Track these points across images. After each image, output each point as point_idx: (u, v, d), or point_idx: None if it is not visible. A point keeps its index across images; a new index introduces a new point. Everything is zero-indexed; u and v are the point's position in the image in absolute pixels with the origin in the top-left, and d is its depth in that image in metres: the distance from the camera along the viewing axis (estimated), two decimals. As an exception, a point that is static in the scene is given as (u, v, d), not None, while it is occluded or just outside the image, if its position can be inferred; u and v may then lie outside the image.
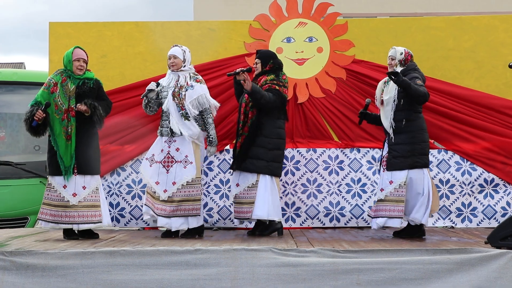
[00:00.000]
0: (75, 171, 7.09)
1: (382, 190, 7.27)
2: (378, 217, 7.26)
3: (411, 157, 7.18)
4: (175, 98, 7.34)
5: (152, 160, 7.41)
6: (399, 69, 7.29)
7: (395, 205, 7.17)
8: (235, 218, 7.78)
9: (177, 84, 7.38)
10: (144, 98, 7.47)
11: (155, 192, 7.35)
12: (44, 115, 7.03)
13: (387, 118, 7.29)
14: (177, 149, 7.34)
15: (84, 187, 7.13)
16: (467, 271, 5.94)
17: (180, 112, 7.33)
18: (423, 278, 5.91)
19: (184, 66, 7.46)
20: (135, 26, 8.53)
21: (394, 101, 7.25)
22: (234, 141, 7.81)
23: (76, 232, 7.23)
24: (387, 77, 7.33)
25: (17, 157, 9.59)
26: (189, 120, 7.31)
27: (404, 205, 7.16)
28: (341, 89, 8.41)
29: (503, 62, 8.28)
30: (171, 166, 7.33)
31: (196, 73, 7.51)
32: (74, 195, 7.09)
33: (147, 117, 8.08)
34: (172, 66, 7.44)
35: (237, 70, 7.41)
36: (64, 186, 7.09)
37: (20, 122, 9.90)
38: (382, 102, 7.37)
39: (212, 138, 7.44)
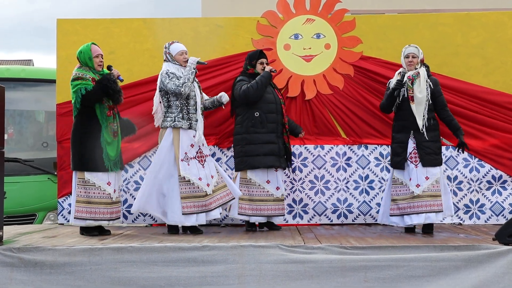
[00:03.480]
0: (120, 166, 7.25)
1: (418, 186, 7.32)
2: (415, 213, 7.30)
3: (440, 154, 7.43)
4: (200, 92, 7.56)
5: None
6: (421, 69, 7.39)
7: (434, 200, 7.29)
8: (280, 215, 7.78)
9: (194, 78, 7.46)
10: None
11: (201, 189, 7.34)
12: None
13: (419, 116, 7.37)
14: (203, 144, 7.44)
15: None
16: (475, 267, 5.94)
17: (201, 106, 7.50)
18: (431, 276, 5.92)
19: None
20: (143, 23, 8.54)
21: (427, 100, 7.37)
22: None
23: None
24: (401, 70, 7.50)
25: (26, 153, 9.59)
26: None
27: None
28: (349, 85, 8.40)
29: (512, 59, 8.30)
30: (205, 160, 7.39)
31: None
32: (114, 191, 7.19)
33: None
34: (184, 62, 7.44)
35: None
36: (109, 183, 7.10)
37: (28, 119, 9.92)
38: (412, 98, 7.37)
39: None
